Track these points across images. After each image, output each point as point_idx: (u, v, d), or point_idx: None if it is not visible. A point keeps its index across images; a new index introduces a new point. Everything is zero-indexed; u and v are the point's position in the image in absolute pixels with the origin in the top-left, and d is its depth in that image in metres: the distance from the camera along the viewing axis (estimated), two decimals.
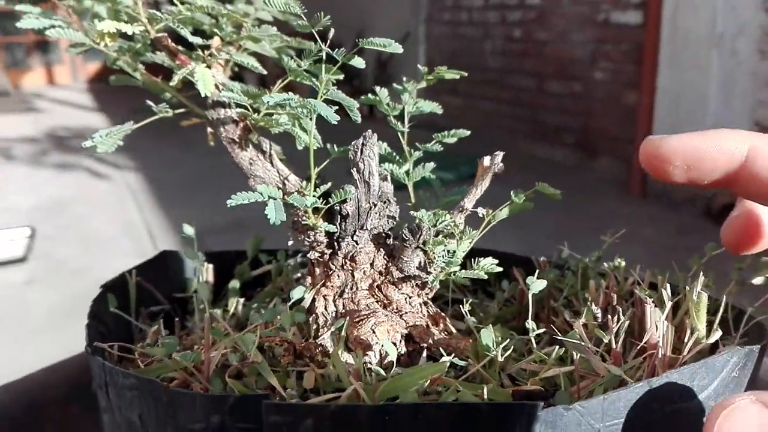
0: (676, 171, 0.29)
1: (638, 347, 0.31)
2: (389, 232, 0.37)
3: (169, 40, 0.37)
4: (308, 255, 0.38)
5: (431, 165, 0.41)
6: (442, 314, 0.38)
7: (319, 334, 0.35)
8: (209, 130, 0.41)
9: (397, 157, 0.40)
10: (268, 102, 0.32)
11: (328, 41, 0.34)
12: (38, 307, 2.84)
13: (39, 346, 2.49)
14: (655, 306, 0.31)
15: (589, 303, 0.35)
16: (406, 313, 0.37)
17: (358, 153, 0.35)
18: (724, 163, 0.28)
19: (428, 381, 0.29)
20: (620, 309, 0.32)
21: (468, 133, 0.40)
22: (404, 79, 0.40)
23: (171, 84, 0.36)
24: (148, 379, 0.27)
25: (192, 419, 0.26)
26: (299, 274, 0.48)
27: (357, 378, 0.27)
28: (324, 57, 0.34)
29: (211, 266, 0.45)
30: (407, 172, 0.40)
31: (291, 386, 0.30)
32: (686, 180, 0.29)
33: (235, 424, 0.25)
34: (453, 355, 0.32)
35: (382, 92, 0.40)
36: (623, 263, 0.40)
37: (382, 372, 0.31)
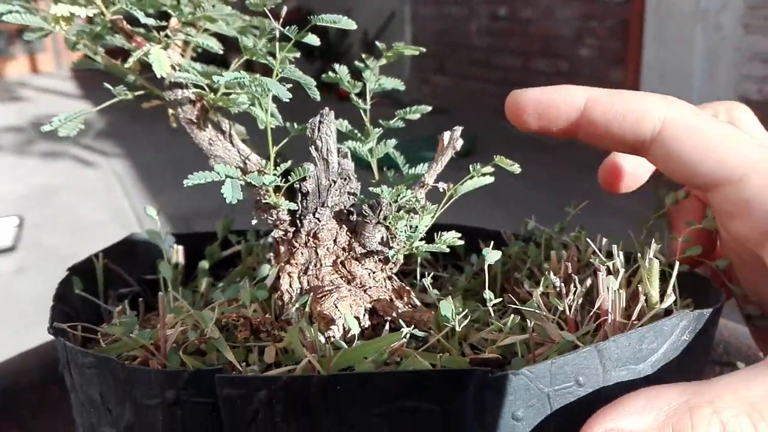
0: (530, 119, 0.34)
1: (591, 314, 0.31)
2: (351, 209, 0.38)
3: (125, 23, 0.37)
4: (272, 234, 0.38)
5: (393, 142, 0.41)
6: (407, 288, 0.39)
7: (284, 310, 0.36)
8: (170, 111, 0.41)
9: (360, 135, 0.41)
10: (218, 81, 0.32)
11: (281, 19, 0.34)
12: (28, 295, 2.84)
13: (29, 334, 2.50)
14: (609, 273, 0.31)
15: (546, 273, 0.35)
16: (370, 287, 0.37)
17: (315, 131, 0.35)
18: (567, 111, 0.33)
19: (386, 352, 0.30)
20: (576, 278, 0.33)
21: (429, 108, 0.40)
22: (363, 56, 0.41)
23: (126, 66, 0.36)
24: (105, 357, 0.27)
25: (148, 395, 0.26)
26: (270, 254, 0.48)
27: (312, 350, 0.27)
28: (277, 35, 0.34)
29: (181, 248, 0.46)
30: (370, 150, 0.41)
31: (253, 362, 0.31)
32: (538, 127, 0.34)
33: (190, 399, 0.26)
34: (413, 326, 0.33)
35: (342, 70, 0.40)
36: (584, 233, 0.40)
37: (344, 345, 0.31)
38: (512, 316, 0.32)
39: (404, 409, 0.25)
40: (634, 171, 0.40)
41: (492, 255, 0.34)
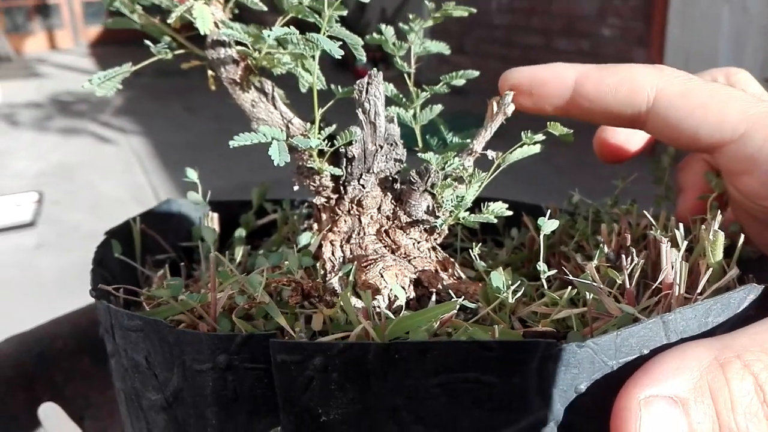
0: (522, 97, 0.34)
1: (653, 288, 0.30)
2: (396, 177, 0.36)
3: None
4: (314, 200, 0.37)
5: (439, 107, 0.40)
6: (451, 260, 0.37)
7: (327, 278, 0.35)
8: (209, 72, 0.39)
9: (405, 100, 0.39)
10: (268, 37, 0.31)
11: None
12: (48, 270, 2.86)
13: (50, 309, 2.52)
14: (671, 246, 0.30)
15: (601, 245, 0.34)
16: (414, 258, 0.36)
17: (363, 92, 0.34)
18: (558, 87, 0.33)
19: (438, 322, 0.29)
20: (633, 250, 0.31)
21: (477, 73, 0.39)
22: (410, 16, 0.39)
23: (169, 22, 0.35)
24: (154, 320, 0.26)
25: (199, 359, 0.25)
26: (306, 224, 0.47)
27: (366, 318, 0.26)
28: None
29: (216, 215, 0.45)
30: (414, 115, 0.39)
31: (300, 328, 0.30)
32: (533, 105, 0.34)
33: (242, 364, 0.25)
34: (463, 298, 0.31)
35: (388, 31, 0.39)
36: (636, 206, 0.39)
37: (391, 315, 0.30)
38: (568, 288, 0.30)
39: (464, 380, 0.24)
40: (628, 141, 0.40)
41: (549, 225, 0.33)
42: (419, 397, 0.24)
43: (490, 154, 0.36)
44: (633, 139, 0.39)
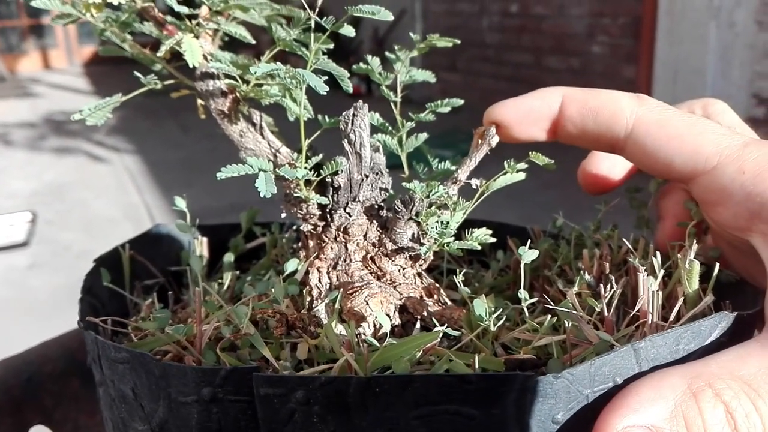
0: (514, 128, 0.35)
1: (630, 315, 0.30)
2: (382, 204, 0.37)
3: (156, 10, 0.37)
4: (301, 227, 0.38)
5: (424, 135, 0.40)
6: (437, 285, 0.38)
7: (313, 305, 0.35)
8: (199, 102, 0.40)
9: (390, 129, 0.40)
10: (255, 72, 0.32)
11: (317, 9, 0.33)
12: (41, 290, 2.85)
13: (42, 328, 2.50)
14: (648, 274, 0.30)
15: (582, 272, 0.35)
16: (400, 284, 0.36)
17: (349, 124, 0.35)
18: (546, 112, 0.34)
19: (421, 351, 0.29)
20: (613, 278, 0.32)
21: (461, 102, 0.40)
22: (396, 47, 0.40)
23: (159, 54, 0.35)
24: (140, 353, 0.27)
25: (184, 392, 0.26)
26: (294, 247, 0.48)
27: (349, 349, 0.27)
28: (313, 25, 0.33)
29: (205, 239, 0.45)
30: (400, 143, 0.40)
31: (285, 358, 0.30)
32: (526, 136, 0.35)
33: (226, 396, 0.25)
34: (446, 325, 0.32)
35: (374, 61, 0.39)
36: (617, 232, 0.39)
37: (376, 343, 0.31)
38: (548, 317, 0.31)
39: (444, 413, 0.24)
40: (610, 172, 0.41)
41: (528, 254, 0.34)
42: (400, 430, 0.24)
43: (474, 182, 0.36)
44: (615, 171, 0.40)
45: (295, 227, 0.50)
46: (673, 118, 0.32)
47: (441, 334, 0.29)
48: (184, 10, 0.35)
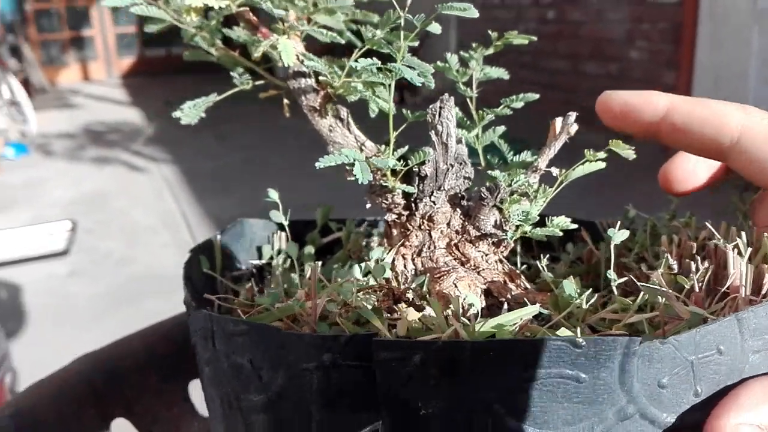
0: (616, 119, 0.37)
1: (720, 293, 0.32)
2: (464, 193, 0.39)
3: (250, 14, 0.39)
4: (385, 217, 0.40)
5: (501, 128, 0.42)
6: (517, 271, 0.39)
7: (401, 291, 0.37)
8: (285, 101, 0.42)
9: (468, 123, 0.42)
10: (355, 67, 0.34)
11: (406, 8, 0.35)
12: (82, 298, 2.92)
13: (84, 336, 2.57)
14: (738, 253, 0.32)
15: (665, 255, 0.36)
16: (483, 269, 0.38)
17: (437, 115, 0.36)
18: (649, 113, 0.35)
19: (517, 327, 0.31)
20: (699, 258, 0.33)
21: (537, 96, 0.41)
22: (473, 45, 0.42)
23: (255, 56, 0.38)
24: (260, 324, 0.29)
25: (305, 358, 0.27)
26: (366, 242, 0.50)
27: (456, 320, 0.29)
28: (402, 24, 0.35)
29: (283, 234, 0.47)
30: (477, 136, 0.42)
31: (384, 336, 0.32)
32: (624, 125, 0.37)
33: (345, 362, 0.27)
34: (539, 305, 0.33)
35: (452, 59, 0.41)
36: (693, 218, 0.40)
37: (468, 323, 0.32)
38: (640, 293, 0.32)
39: (554, 376, 0.26)
40: (693, 174, 0.41)
41: (619, 234, 0.35)
42: (511, 392, 0.26)
43: (554, 171, 0.38)
44: (698, 174, 0.41)
45: (367, 222, 0.52)
46: None
47: (538, 308, 0.31)
48: (280, 12, 0.37)
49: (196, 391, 0.48)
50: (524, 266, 0.45)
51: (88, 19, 9.93)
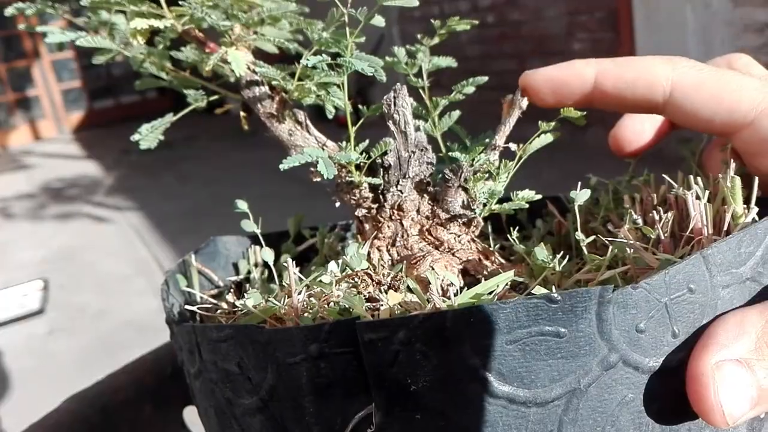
0: (546, 96, 0.37)
1: (684, 237, 0.33)
2: (429, 179, 0.39)
3: (196, 31, 0.39)
4: (355, 213, 0.40)
5: (457, 113, 0.43)
6: (490, 249, 0.40)
7: (380, 277, 0.37)
8: (242, 114, 0.43)
9: (423, 112, 0.43)
10: (306, 65, 0.34)
11: (349, 4, 0.36)
12: (63, 355, 2.86)
13: (70, 391, 2.50)
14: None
15: (628, 211, 0.37)
16: (457, 250, 0.39)
17: (392, 105, 0.37)
18: (579, 85, 0.36)
19: (495, 297, 0.31)
20: (661, 209, 0.34)
21: (486, 78, 0.42)
22: (419, 35, 0.43)
23: (206, 69, 0.38)
24: (244, 325, 0.29)
25: (292, 353, 0.28)
26: (341, 246, 0.50)
27: (436, 297, 0.29)
28: (347, 21, 0.36)
29: (257, 248, 0.47)
30: (433, 123, 0.43)
31: (365, 313, 0.32)
32: (555, 102, 0.37)
33: (332, 350, 0.27)
34: (514, 273, 0.34)
35: (400, 52, 0.42)
36: (652, 176, 0.42)
37: (447, 300, 0.33)
38: (609, 249, 0.33)
39: (536, 334, 0.26)
40: (641, 135, 0.42)
41: (582, 194, 0.36)
42: (496, 355, 0.26)
43: (513, 146, 0.39)
44: (645, 133, 0.42)
45: (339, 227, 0.52)
46: (708, 79, 0.34)
47: (512, 274, 0.32)
48: (226, 24, 0.37)
49: (192, 417, 0.47)
50: (498, 247, 0.46)
51: (30, 79, 9.81)
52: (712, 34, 3.37)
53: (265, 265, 0.48)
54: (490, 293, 0.31)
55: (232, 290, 0.46)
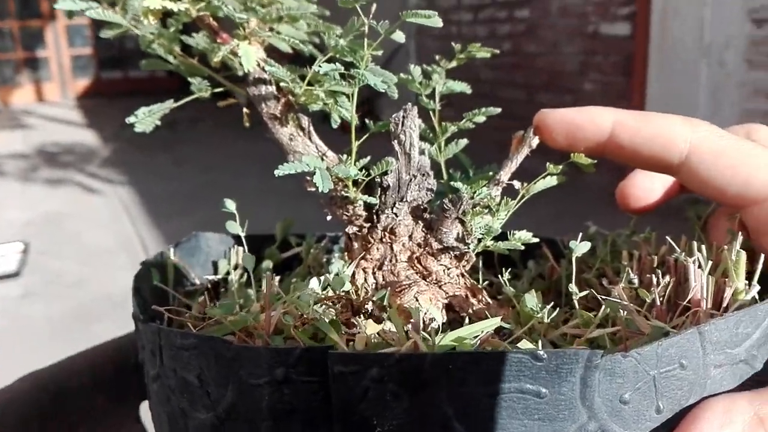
0: (559, 138, 0.36)
1: (681, 306, 0.31)
2: (426, 206, 0.38)
3: (210, 19, 0.38)
4: (346, 230, 0.39)
5: (464, 141, 0.42)
6: (479, 286, 0.39)
7: (361, 305, 0.36)
8: (245, 110, 0.41)
9: (431, 135, 0.41)
10: (318, 72, 0.33)
11: (371, 15, 0.34)
12: (35, 320, 2.82)
13: (37, 358, 2.46)
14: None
15: (626, 268, 0.36)
16: (445, 283, 0.37)
17: (399, 125, 0.36)
18: (594, 133, 0.35)
19: (478, 342, 0.30)
20: (660, 272, 0.33)
21: (499, 110, 0.41)
22: (437, 57, 0.41)
23: (215, 60, 0.37)
24: (210, 337, 0.27)
25: (256, 374, 0.26)
26: (327, 258, 0.49)
27: (416, 332, 0.28)
28: (366, 32, 0.35)
29: (240, 249, 0.46)
30: (439, 148, 0.41)
31: (341, 349, 0.31)
32: (567, 146, 0.36)
33: (299, 377, 0.26)
34: (500, 318, 0.33)
35: (416, 71, 0.41)
36: (653, 234, 0.41)
37: (428, 337, 0.31)
38: (602, 308, 0.32)
39: (515, 390, 0.25)
40: (650, 192, 0.41)
41: (581, 246, 0.35)
42: (471, 407, 0.25)
43: (516, 184, 0.38)
44: (655, 191, 0.41)
45: (328, 238, 0.50)
46: (728, 148, 0.33)
47: (499, 321, 0.30)
48: (242, 16, 0.36)
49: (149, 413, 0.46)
50: (486, 283, 0.45)
51: (42, 40, 9.77)
52: (723, 93, 3.39)
53: (245, 268, 0.46)
54: (474, 337, 0.29)
55: (207, 290, 0.44)
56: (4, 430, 0.51)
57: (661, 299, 0.32)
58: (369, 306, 0.33)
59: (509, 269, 0.47)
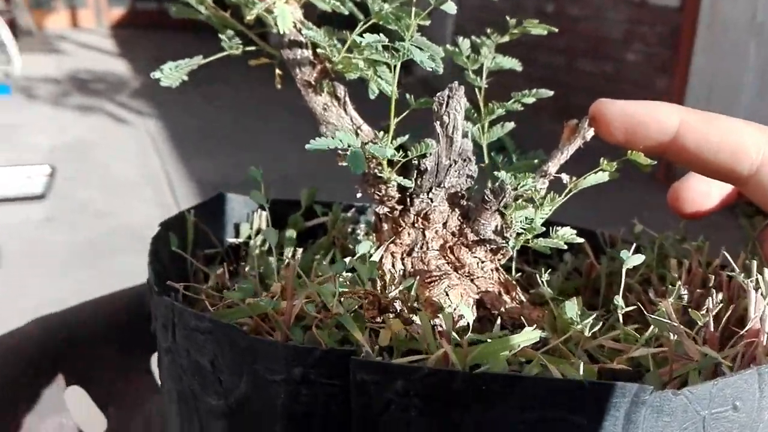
0: (617, 132, 0.32)
1: (739, 335, 0.29)
2: (465, 193, 0.35)
3: None
4: (376, 209, 0.36)
5: (511, 125, 0.39)
6: (513, 282, 0.36)
7: (386, 291, 0.34)
8: (278, 72, 0.39)
9: (475, 115, 0.38)
10: (359, 42, 0.30)
11: None
12: (57, 245, 2.86)
13: (56, 284, 2.51)
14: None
15: (677, 283, 0.33)
16: (477, 277, 0.35)
17: (444, 105, 0.33)
18: (656, 132, 0.32)
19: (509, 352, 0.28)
20: (714, 291, 0.30)
21: (551, 93, 0.38)
22: (488, 30, 0.38)
23: (248, 18, 0.34)
24: (226, 324, 0.25)
25: (272, 370, 0.24)
26: (352, 228, 0.46)
27: (447, 341, 0.25)
28: None
29: (264, 214, 0.44)
30: (482, 129, 0.38)
31: (365, 343, 0.29)
32: (624, 142, 0.33)
33: (318, 379, 0.24)
34: (534, 327, 0.30)
35: (464, 43, 0.38)
36: (706, 244, 0.38)
37: (456, 336, 0.29)
38: (650, 328, 0.29)
39: (552, 419, 0.23)
40: (706, 197, 0.38)
41: (634, 259, 0.32)
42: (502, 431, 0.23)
43: (565, 177, 0.35)
44: (711, 197, 0.38)
45: (354, 209, 0.48)
46: None
47: (538, 335, 0.28)
48: None
49: None
50: (518, 273, 0.42)
51: None
52: None
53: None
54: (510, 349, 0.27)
55: (228, 256, 0.42)
56: (13, 372, 0.51)
57: (721, 324, 0.29)
58: (397, 305, 0.31)
59: (544, 260, 0.45)
